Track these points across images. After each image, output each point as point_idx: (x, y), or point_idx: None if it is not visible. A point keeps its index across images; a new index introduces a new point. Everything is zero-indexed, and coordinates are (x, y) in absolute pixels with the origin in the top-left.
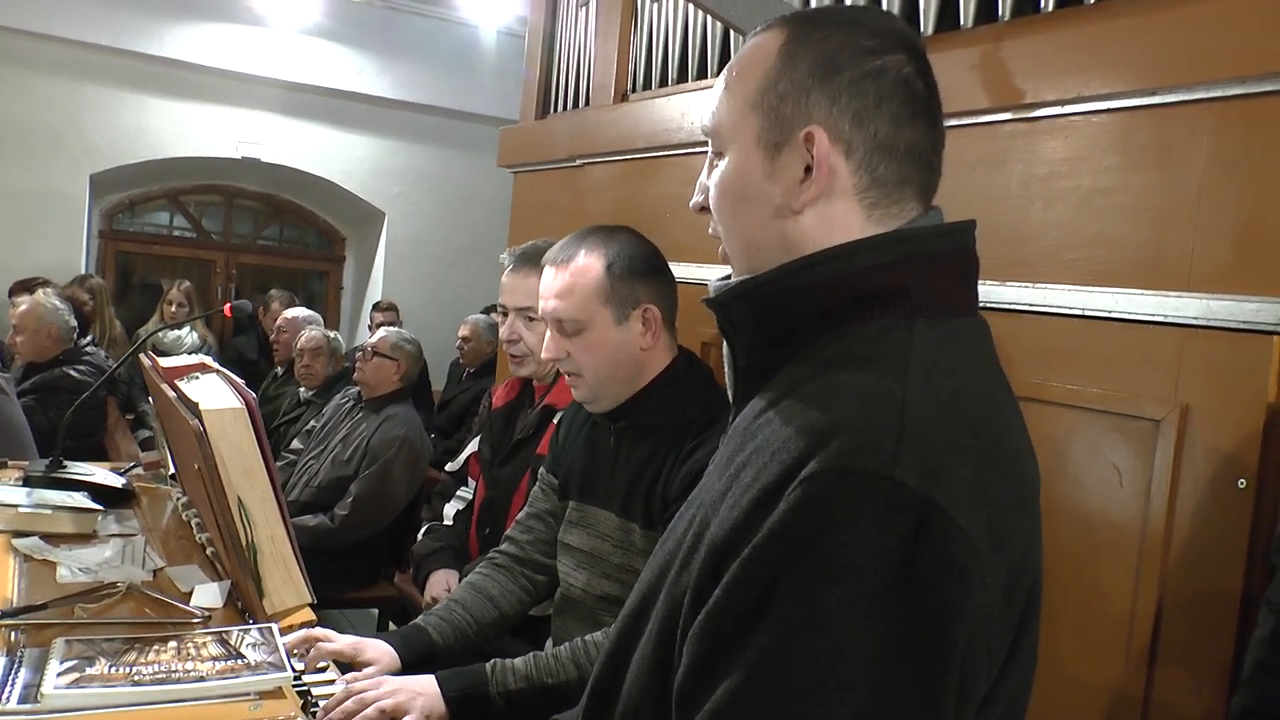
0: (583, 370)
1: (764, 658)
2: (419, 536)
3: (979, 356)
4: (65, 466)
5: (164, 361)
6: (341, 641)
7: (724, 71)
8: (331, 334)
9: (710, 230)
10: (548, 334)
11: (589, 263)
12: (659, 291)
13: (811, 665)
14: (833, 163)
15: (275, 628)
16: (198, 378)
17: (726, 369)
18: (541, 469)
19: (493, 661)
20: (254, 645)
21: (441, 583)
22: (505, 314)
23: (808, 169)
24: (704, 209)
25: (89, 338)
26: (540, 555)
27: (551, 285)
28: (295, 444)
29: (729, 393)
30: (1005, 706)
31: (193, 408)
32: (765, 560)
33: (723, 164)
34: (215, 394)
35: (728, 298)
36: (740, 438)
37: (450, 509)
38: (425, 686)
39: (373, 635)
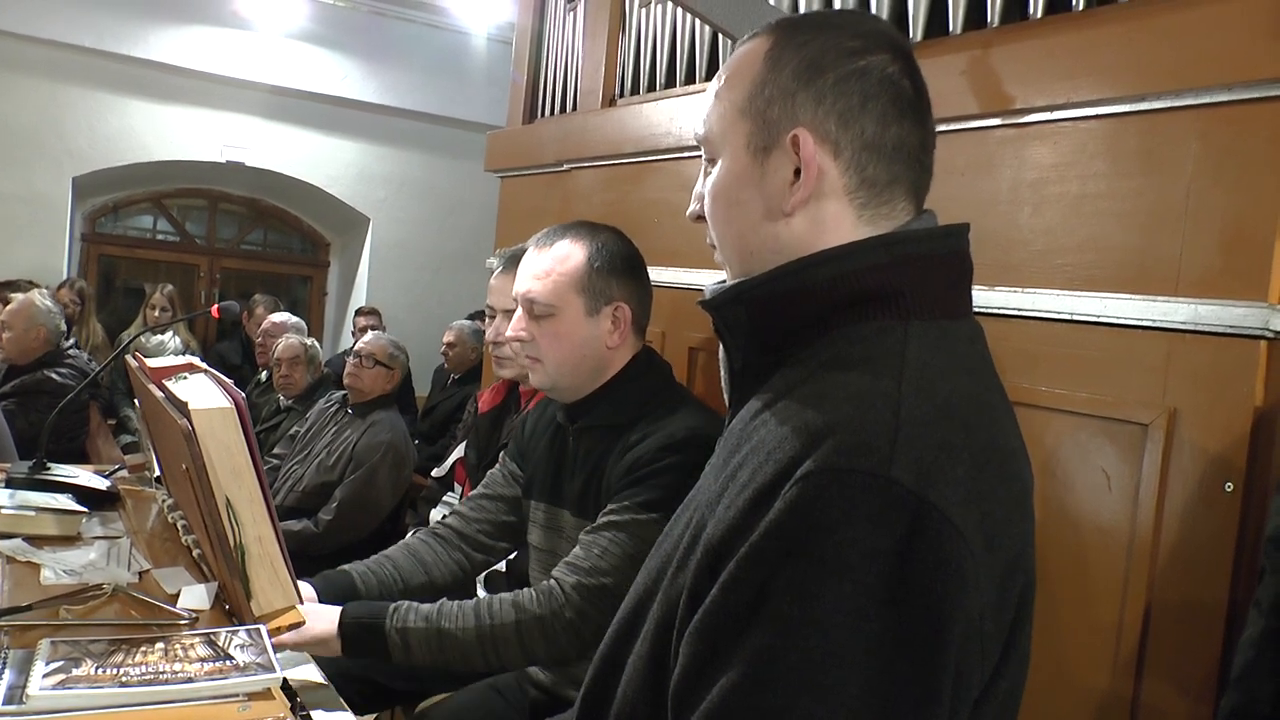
0: (543, 357)
1: (760, 656)
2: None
3: (973, 358)
4: (49, 468)
5: (151, 362)
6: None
7: (714, 79)
8: (309, 341)
9: (708, 240)
10: (516, 312)
11: (571, 251)
12: (633, 293)
13: (807, 664)
14: (821, 163)
15: (264, 629)
16: (185, 377)
17: (723, 372)
18: (503, 454)
19: (398, 602)
20: (242, 646)
21: None
22: (492, 315)
23: (797, 171)
24: (700, 218)
25: (71, 341)
26: (483, 535)
27: (530, 266)
28: (278, 449)
29: (725, 396)
30: (998, 708)
31: (181, 407)
32: (761, 559)
33: (715, 170)
34: (204, 393)
35: (722, 300)
36: (736, 439)
37: (436, 514)
38: (327, 613)
39: None
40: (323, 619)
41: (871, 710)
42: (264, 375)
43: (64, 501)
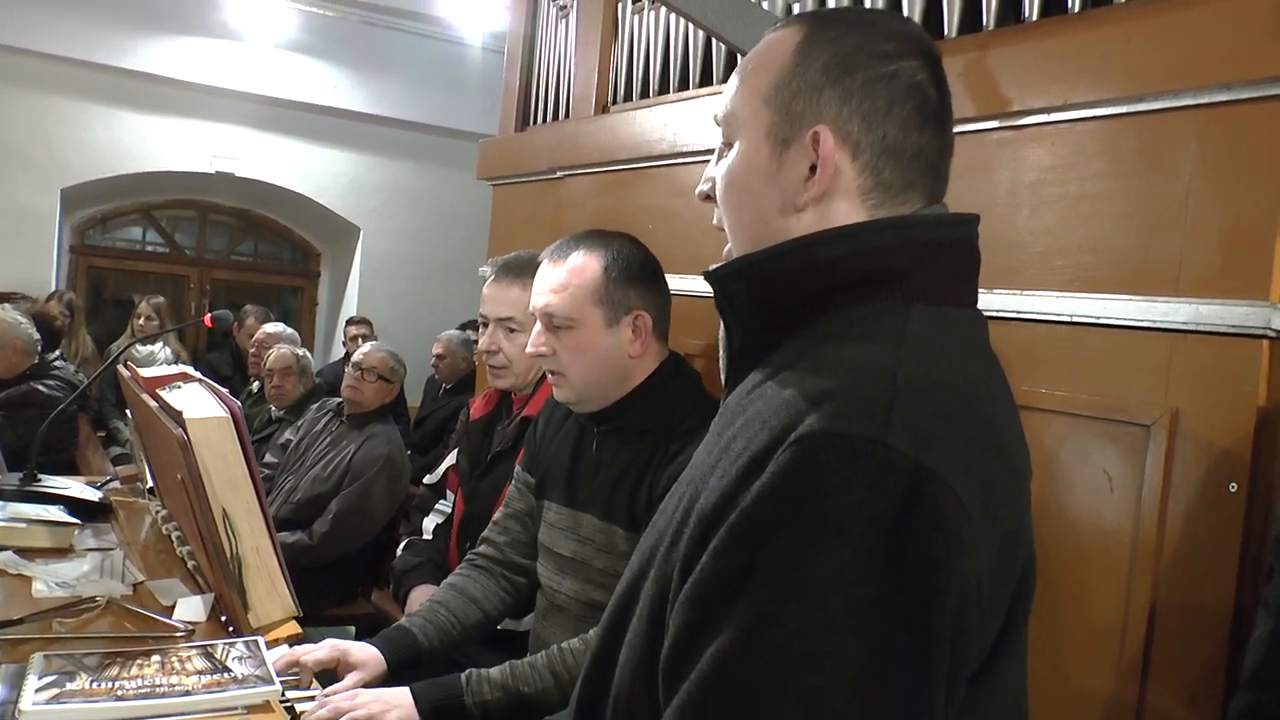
0: (566, 370)
1: (752, 623)
2: (398, 551)
3: (973, 344)
4: (40, 480)
5: (145, 371)
6: (323, 649)
7: (740, 64)
8: (300, 352)
9: (714, 221)
10: (536, 327)
11: (586, 262)
12: (652, 300)
13: (801, 630)
14: (838, 163)
15: (261, 641)
16: (180, 387)
17: (721, 351)
18: (518, 467)
19: (468, 671)
20: (240, 659)
21: (422, 599)
22: (486, 324)
23: (813, 167)
24: (708, 198)
25: (57, 353)
26: (519, 556)
27: (547, 280)
28: (269, 458)
29: (722, 374)
30: (1002, 694)
31: (176, 417)
32: (753, 524)
33: (731, 154)
34: (199, 403)
35: (725, 273)
36: (731, 413)
37: (429, 522)
38: (400, 698)
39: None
40: (400, 707)
41: (870, 677)
42: (255, 386)
43: (55, 513)
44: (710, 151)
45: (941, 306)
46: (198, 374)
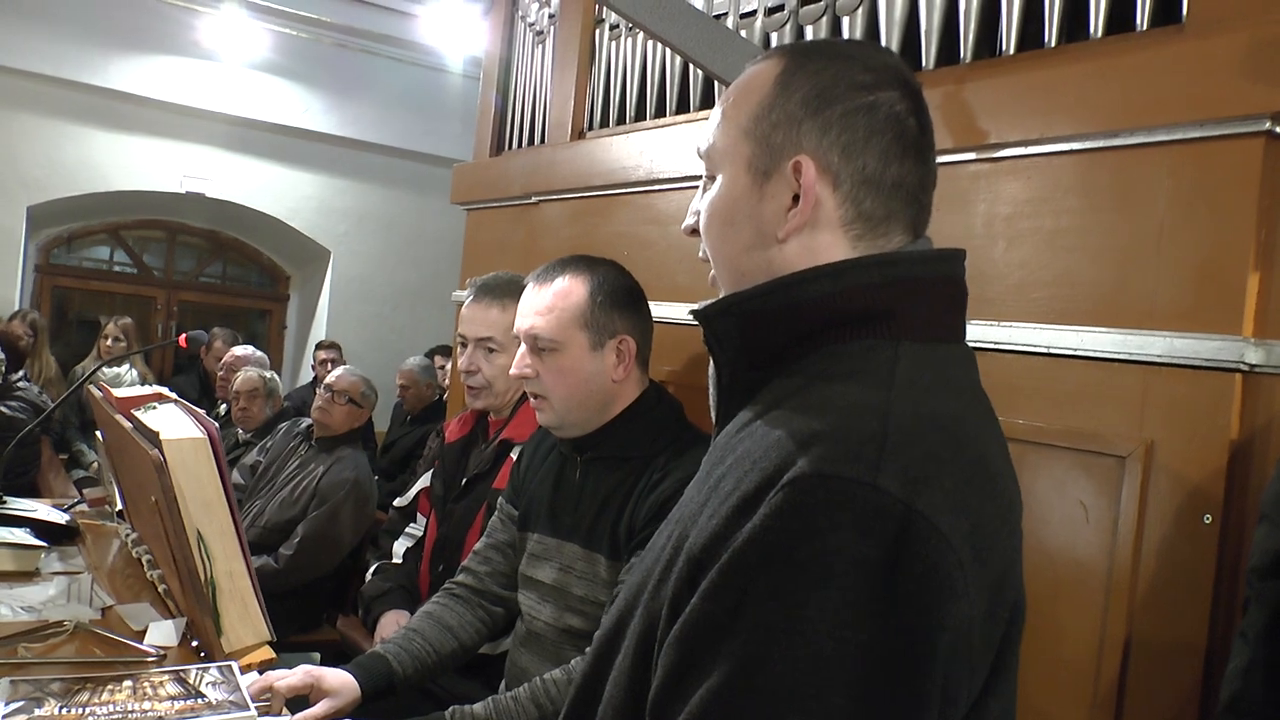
0: (549, 394)
1: (741, 665)
2: (368, 576)
3: (963, 380)
4: (5, 502)
5: (119, 392)
6: (296, 675)
7: (722, 97)
8: (268, 374)
9: (700, 254)
10: (520, 350)
11: (572, 286)
12: (636, 325)
13: (790, 673)
14: (819, 193)
15: (235, 666)
16: (155, 407)
17: (711, 387)
18: (500, 499)
19: (451, 709)
20: (214, 684)
21: (393, 625)
22: (464, 344)
23: (795, 198)
24: (695, 232)
25: (21, 373)
26: (498, 587)
27: (532, 303)
28: (236, 478)
29: (712, 411)
30: None
31: (152, 437)
32: (744, 565)
33: (714, 187)
34: (175, 423)
35: (714, 311)
36: (721, 451)
37: (399, 546)
38: None
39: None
40: None
41: None
42: (223, 408)
43: (21, 536)
44: (686, 179)
45: (930, 343)
46: (173, 395)
